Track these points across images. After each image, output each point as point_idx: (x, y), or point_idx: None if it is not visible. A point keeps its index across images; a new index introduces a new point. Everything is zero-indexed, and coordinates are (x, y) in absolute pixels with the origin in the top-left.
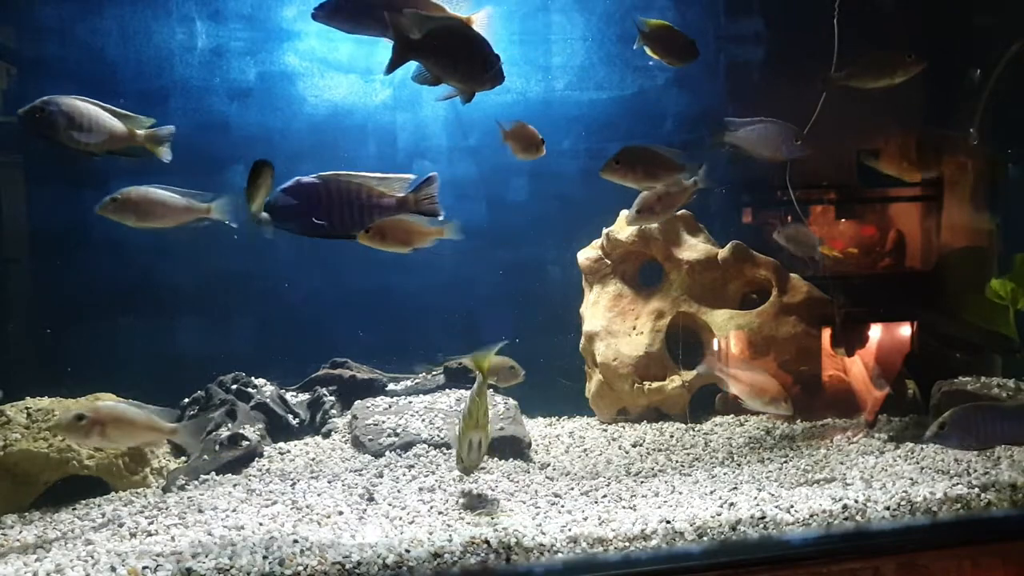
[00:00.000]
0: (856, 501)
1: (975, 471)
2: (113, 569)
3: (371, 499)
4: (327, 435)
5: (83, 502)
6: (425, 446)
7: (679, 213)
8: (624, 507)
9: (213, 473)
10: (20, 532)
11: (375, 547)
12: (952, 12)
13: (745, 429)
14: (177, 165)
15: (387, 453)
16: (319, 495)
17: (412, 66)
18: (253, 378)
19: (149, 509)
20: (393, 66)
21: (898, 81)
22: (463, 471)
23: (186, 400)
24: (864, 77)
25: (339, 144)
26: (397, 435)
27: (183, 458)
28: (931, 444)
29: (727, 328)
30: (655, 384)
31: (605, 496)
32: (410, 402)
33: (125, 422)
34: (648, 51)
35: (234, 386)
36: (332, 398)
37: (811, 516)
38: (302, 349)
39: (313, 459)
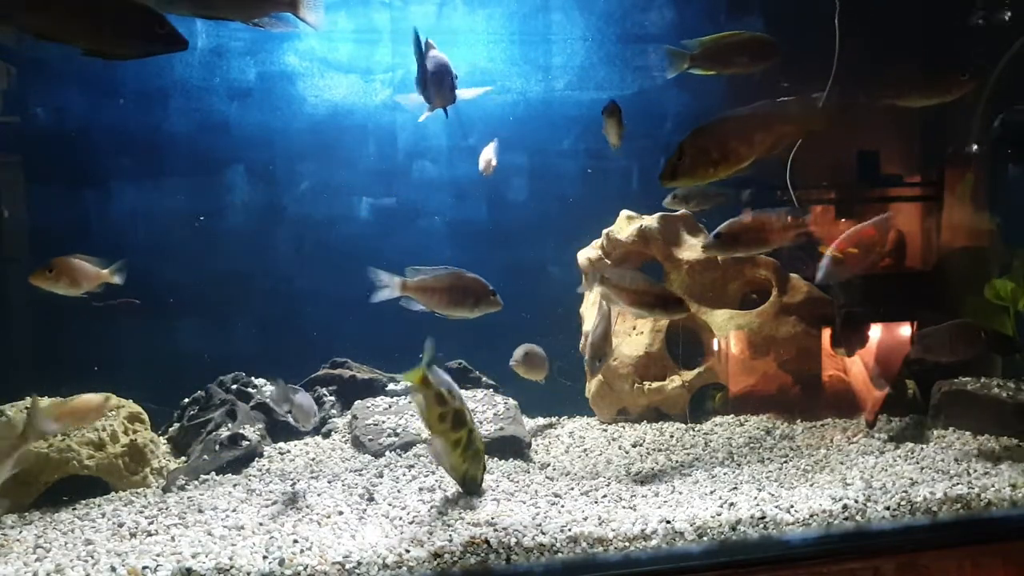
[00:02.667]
0: (856, 501)
1: (975, 471)
2: (113, 569)
3: (371, 499)
4: (327, 435)
5: (83, 502)
6: (425, 446)
7: (679, 213)
8: (624, 507)
9: (213, 473)
10: (20, 532)
11: (375, 547)
12: (952, 11)
13: (745, 429)
14: (177, 165)
15: (387, 453)
16: (319, 495)
17: (415, 62)
18: (253, 378)
19: (149, 509)
20: None
21: (950, 100)
22: (466, 486)
23: (186, 400)
24: (914, 96)
25: (339, 144)
26: (397, 435)
27: (183, 458)
28: (932, 442)
29: (727, 328)
30: (655, 384)
31: (605, 496)
32: (410, 402)
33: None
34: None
35: (234, 386)
36: (332, 398)
37: (811, 516)
38: (302, 349)
39: (313, 459)
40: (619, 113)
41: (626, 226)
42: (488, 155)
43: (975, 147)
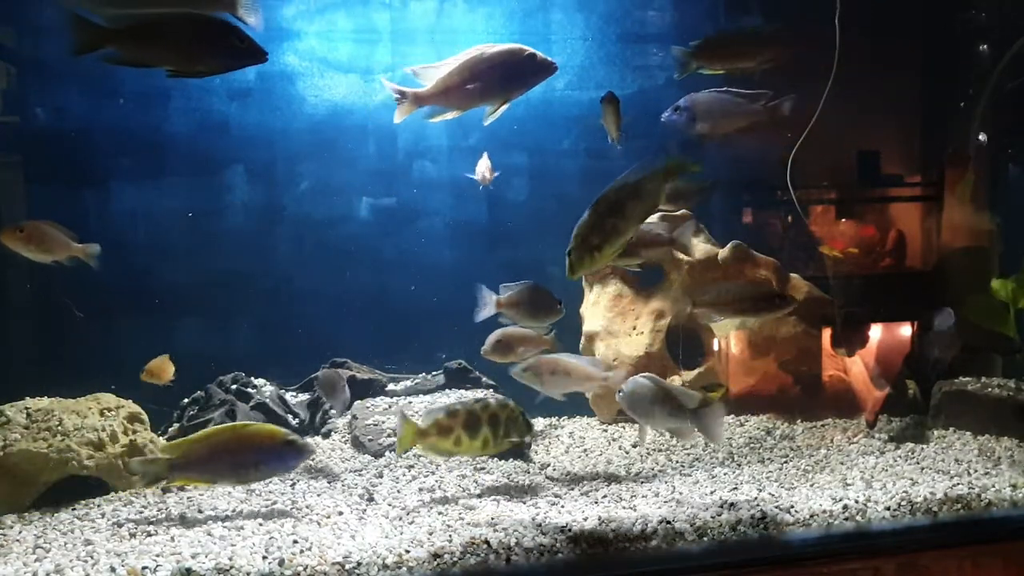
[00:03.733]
0: (856, 501)
1: (975, 471)
2: (113, 569)
3: (371, 499)
4: (327, 435)
5: (83, 502)
6: None
7: (679, 213)
8: (624, 507)
9: None
10: (20, 532)
11: (375, 547)
12: (953, 10)
13: (745, 429)
14: (178, 166)
15: (387, 453)
16: (319, 495)
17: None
18: (253, 378)
19: (149, 509)
20: None
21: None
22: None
23: (186, 400)
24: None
25: (339, 144)
26: (397, 435)
27: None
28: (932, 442)
29: (727, 328)
30: None
31: (605, 496)
32: (410, 402)
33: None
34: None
35: (234, 386)
36: None
37: (811, 516)
38: (302, 349)
39: (313, 459)
40: (617, 103)
41: None
42: (483, 168)
43: (980, 139)
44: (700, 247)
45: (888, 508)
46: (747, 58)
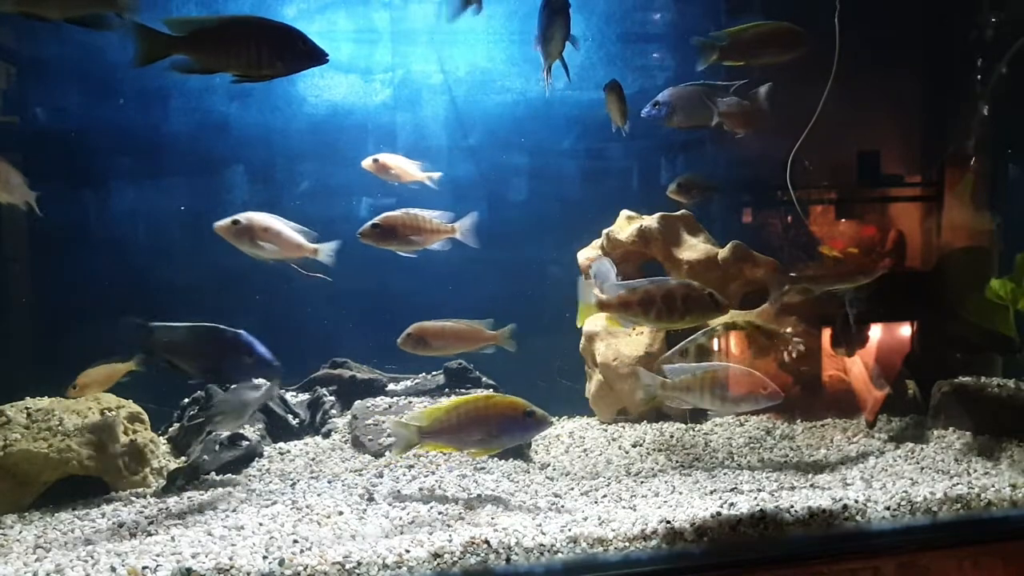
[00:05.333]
0: (856, 501)
1: (975, 471)
2: (113, 569)
3: (371, 499)
4: (327, 435)
5: (83, 502)
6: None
7: (679, 213)
8: (624, 507)
9: (213, 473)
10: (20, 532)
11: (375, 547)
12: (952, 10)
13: (745, 429)
14: (177, 165)
15: (387, 453)
16: (319, 495)
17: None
18: (253, 378)
19: (149, 509)
20: None
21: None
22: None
23: (186, 400)
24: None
25: (339, 144)
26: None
27: (183, 458)
28: (932, 442)
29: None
30: None
31: (605, 496)
32: (410, 402)
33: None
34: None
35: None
36: (332, 398)
37: (811, 516)
38: (302, 349)
39: (313, 459)
40: (619, 90)
41: (626, 226)
42: (400, 166)
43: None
44: (700, 247)
45: (888, 508)
46: (769, 52)
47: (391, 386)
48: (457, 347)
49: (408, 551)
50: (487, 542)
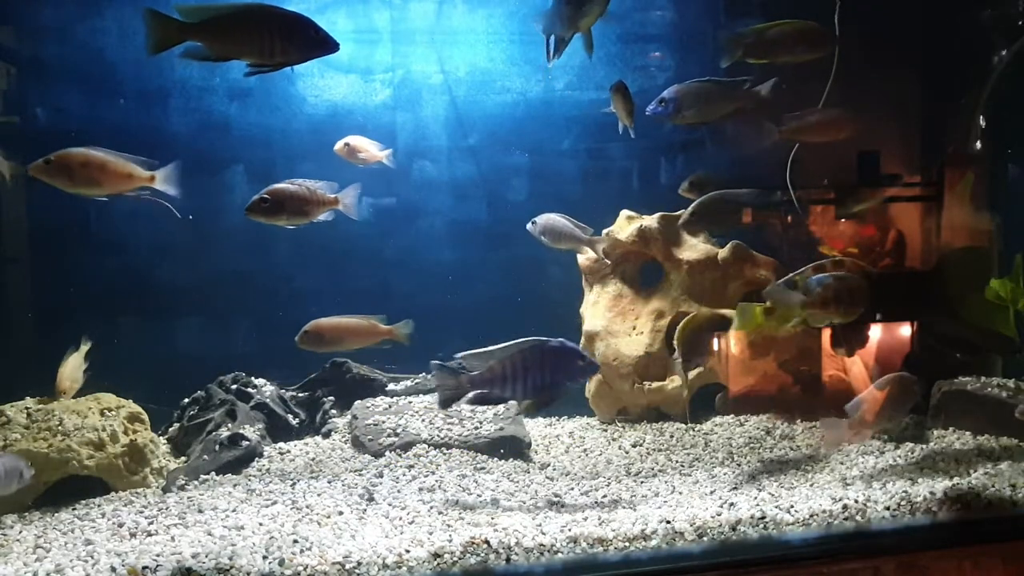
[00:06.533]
0: (856, 501)
1: (975, 471)
2: (113, 569)
3: (371, 499)
4: (327, 435)
5: (83, 502)
6: (425, 446)
7: (679, 213)
8: (624, 507)
9: (213, 473)
10: (20, 532)
11: (375, 547)
12: (952, 9)
13: (745, 429)
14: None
15: (387, 453)
16: (319, 495)
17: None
18: (253, 378)
19: (149, 509)
20: None
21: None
22: None
23: (186, 400)
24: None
25: None
26: (397, 435)
27: (183, 458)
28: (932, 442)
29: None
30: (655, 384)
31: (605, 496)
32: (410, 402)
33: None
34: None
35: (234, 386)
36: (332, 398)
37: (811, 516)
38: (302, 349)
39: (313, 459)
40: (625, 90)
41: (626, 226)
42: (362, 147)
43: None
44: (700, 247)
45: (888, 508)
46: (793, 50)
47: (391, 386)
48: (353, 342)
49: (408, 551)
50: (487, 542)
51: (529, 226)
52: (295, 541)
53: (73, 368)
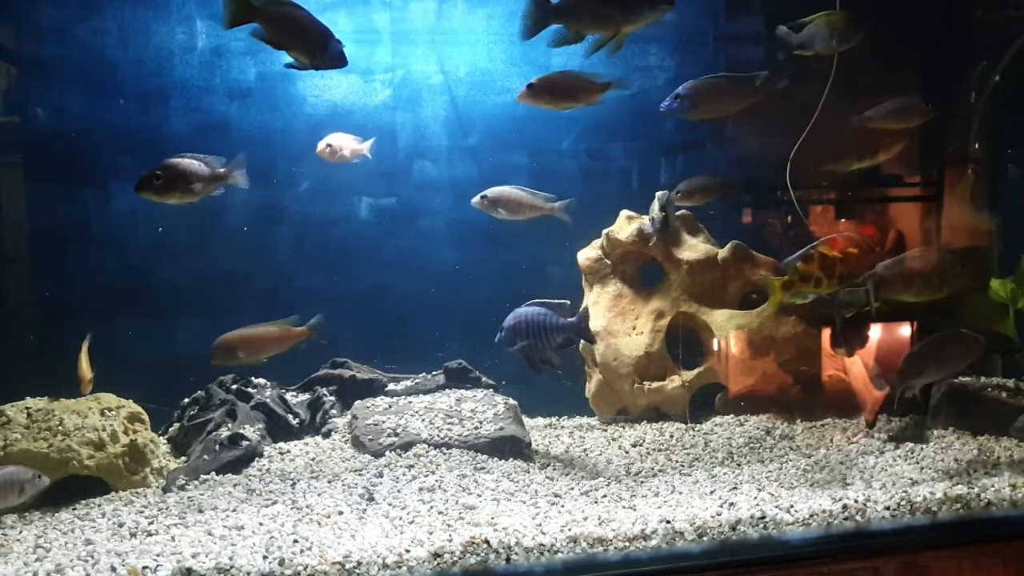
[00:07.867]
0: (856, 501)
1: (975, 471)
2: (113, 569)
3: (371, 499)
4: (327, 435)
5: (83, 502)
6: (425, 446)
7: (679, 213)
8: (624, 507)
9: (213, 473)
10: (20, 532)
11: (375, 547)
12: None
13: (745, 429)
14: None
15: (387, 453)
16: (319, 495)
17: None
18: (253, 378)
19: (149, 509)
20: None
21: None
22: None
23: (186, 400)
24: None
25: None
26: (397, 435)
27: (183, 458)
28: (932, 442)
29: (727, 328)
30: (655, 384)
31: (605, 496)
32: (410, 402)
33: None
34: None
35: (234, 386)
36: (332, 398)
37: (811, 516)
38: (302, 349)
39: (313, 459)
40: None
41: (626, 226)
42: (339, 144)
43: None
44: (700, 247)
45: (888, 508)
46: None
47: (391, 386)
48: (270, 349)
49: (408, 551)
50: (487, 542)
51: (476, 200)
52: (295, 541)
53: (86, 363)
